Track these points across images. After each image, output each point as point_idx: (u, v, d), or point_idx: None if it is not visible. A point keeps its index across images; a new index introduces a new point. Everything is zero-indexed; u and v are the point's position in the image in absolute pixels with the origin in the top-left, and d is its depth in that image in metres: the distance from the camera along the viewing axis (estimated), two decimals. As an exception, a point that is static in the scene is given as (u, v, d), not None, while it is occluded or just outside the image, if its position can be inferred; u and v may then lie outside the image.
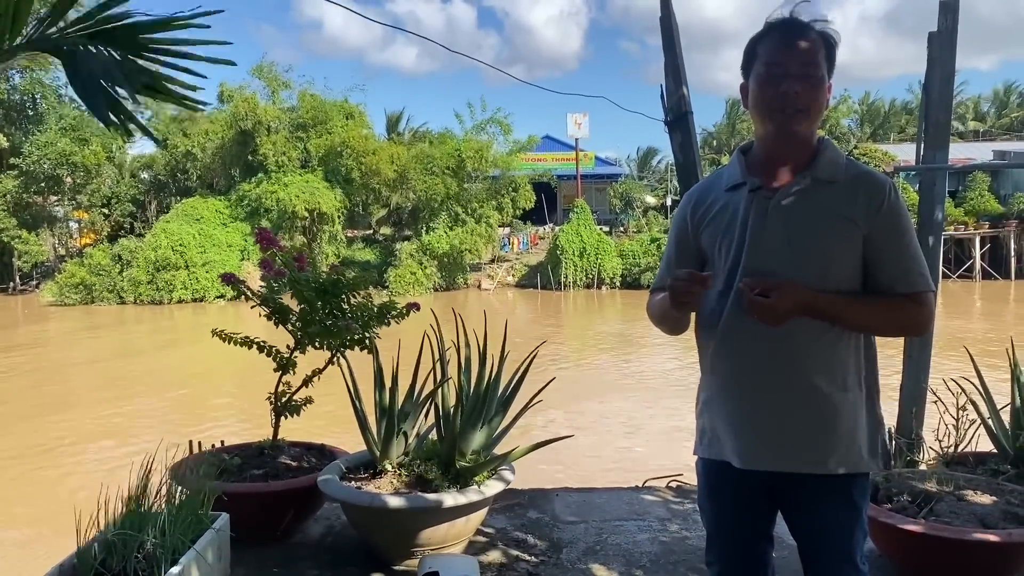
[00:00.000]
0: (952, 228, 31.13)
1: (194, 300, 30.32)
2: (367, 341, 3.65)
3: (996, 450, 3.68)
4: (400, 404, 3.53)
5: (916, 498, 3.07)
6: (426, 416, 3.64)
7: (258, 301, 3.69)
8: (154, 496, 2.63)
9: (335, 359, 3.72)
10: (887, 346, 1.97)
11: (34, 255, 32.85)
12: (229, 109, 33.44)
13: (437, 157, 32.79)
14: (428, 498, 3.11)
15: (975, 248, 32.32)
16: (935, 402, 3.86)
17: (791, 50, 1.85)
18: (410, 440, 3.56)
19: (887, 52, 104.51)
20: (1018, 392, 3.64)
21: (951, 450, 3.69)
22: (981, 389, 3.78)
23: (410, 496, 3.13)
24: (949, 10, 3.83)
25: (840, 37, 1.89)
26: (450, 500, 3.09)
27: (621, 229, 38.10)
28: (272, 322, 3.73)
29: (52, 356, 19.78)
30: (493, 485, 3.27)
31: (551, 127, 72.05)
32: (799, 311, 1.79)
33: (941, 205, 4.00)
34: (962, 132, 51.55)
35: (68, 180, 33.25)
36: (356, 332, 3.60)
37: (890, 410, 4.01)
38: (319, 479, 3.30)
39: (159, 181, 37.32)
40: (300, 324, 3.66)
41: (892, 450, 3.93)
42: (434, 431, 3.55)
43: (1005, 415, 3.70)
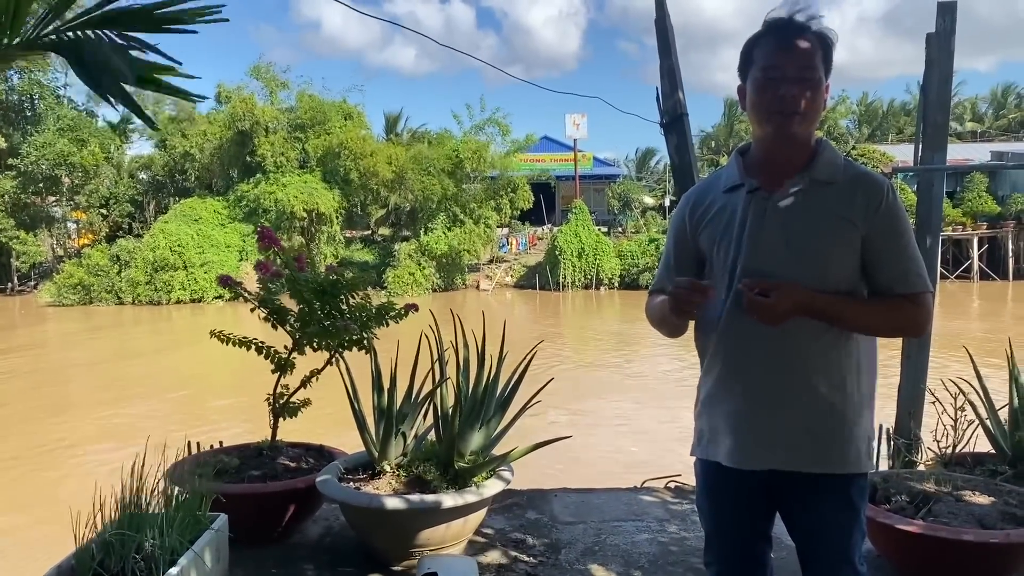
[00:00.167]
0: (950, 229, 31.16)
1: (192, 301, 30.31)
2: (365, 341, 3.65)
3: (994, 451, 3.69)
4: (398, 405, 3.52)
5: (914, 498, 3.07)
6: (424, 417, 3.64)
7: (256, 303, 3.68)
8: (152, 497, 2.63)
9: (333, 360, 3.72)
10: (886, 347, 1.98)
11: (32, 256, 32.86)
12: (227, 110, 33.46)
13: (434, 158, 32.80)
14: (427, 499, 3.11)
15: (973, 249, 32.36)
16: (933, 403, 3.86)
17: (788, 53, 1.84)
18: (408, 441, 3.56)
19: (885, 53, 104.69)
20: (1016, 393, 3.64)
21: (949, 451, 3.69)
22: (979, 390, 3.78)
23: (409, 497, 3.13)
24: (947, 11, 3.84)
25: (837, 37, 1.88)
26: (449, 501, 3.09)
27: (619, 230, 38.09)
28: (270, 324, 3.73)
29: (51, 357, 19.78)
30: (492, 486, 3.27)
31: (549, 128, 71.99)
32: (799, 311, 1.79)
33: (939, 206, 4.01)
34: (960, 133, 51.59)
35: (66, 181, 33.28)
36: (354, 332, 3.60)
37: (889, 411, 4.04)
38: (317, 480, 3.30)
39: (157, 181, 37.33)
40: (298, 325, 3.66)
41: (891, 451, 3.94)
42: (432, 432, 3.55)
43: (1003, 416, 3.71)
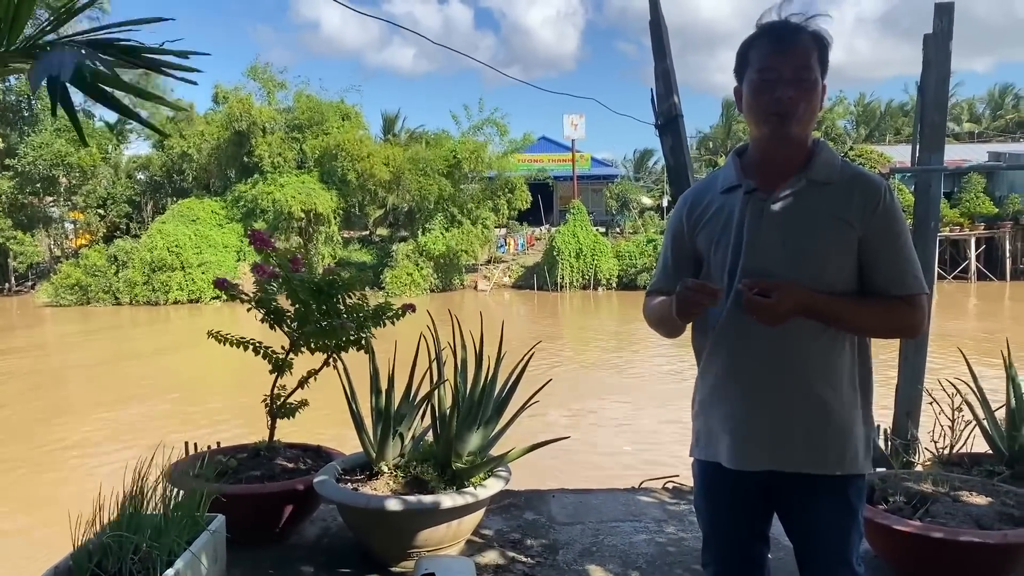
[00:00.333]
0: (948, 229, 31.20)
1: (190, 301, 30.28)
2: (362, 342, 3.65)
3: (991, 451, 3.69)
4: (396, 406, 3.52)
5: (912, 499, 3.07)
6: (422, 418, 3.64)
7: (253, 304, 3.68)
8: (150, 498, 2.62)
9: (331, 361, 3.72)
10: (883, 347, 1.98)
11: (29, 256, 32.82)
12: (224, 110, 33.42)
13: (431, 159, 32.78)
14: (424, 500, 3.10)
15: (971, 249, 32.39)
16: (931, 403, 3.86)
17: (784, 55, 1.84)
18: (406, 442, 3.56)
19: (883, 53, 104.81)
20: (1013, 393, 3.65)
21: (946, 451, 3.69)
22: (976, 390, 3.78)
23: (406, 498, 3.12)
24: (944, 12, 3.84)
25: (832, 37, 1.87)
26: (446, 502, 3.09)
27: (617, 230, 38.10)
28: (267, 324, 3.72)
29: (49, 358, 19.74)
30: (489, 486, 3.27)
31: (547, 128, 72.17)
32: (799, 311, 1.79)
33: (936, 206, 4.02)
34: (957, 133, 51.67)
35: (63, 181, 33.23)
36: (351, 332, 3.60)
37: (886, 411, 4.04)
38: (315, 481, 3.30)
39: (155, 182, 37.29)
40: (295, 325, 3.65)
41: (888, 451, 3.94)
42: (430, 433, 3.55)
43: (1000, 416, 3.71)
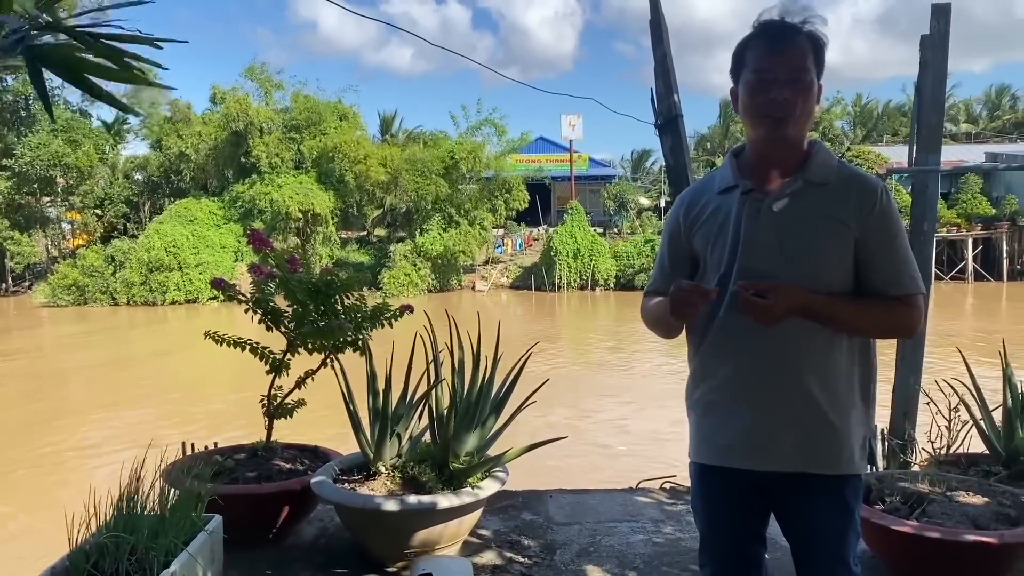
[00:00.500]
0: (945, 230, 31.25)
1: (187, 301, 30.25)
2: (360, 342, 3.65)
3: (988, 451, 3.70)
4: (393, 406, 3.52)
5: (908, 499, 3.08)
6: (420, 418, 3.64)
7: (250, 304, 3.67)
8: (147, 498, 2.62)
9: (328, 361, 3.72)
10: (880, 347, 1.98)
11: (26, 256, 32.78)
12: (221, 110, 33.40)
13: (429, 160, 32.76)
14: (422, 500, 3.10)
15: (967, 250, 32.45)
16: (928, 403, 3.87)
17: (779, 56, 1.84)
18: (403, 442, 3.55)
19: (880, 54, 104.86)
20: (1010, 393, 3.65)
21: (943, 451, 3.70)
22: (973, 390, 3.79)
23: (404, 498, 3.12)
24: (941, 13, 3.85)
25: (828, 37, 1.88)
26: (444, 502, 3.09)
27: (615, 230, 38.10)
28: (264, 325, 3.72)
29: (45, 359, 19.73)
30: (487, 487, 3.27)
31: (545, 129, 72.26)
32: (795, 312, 1.79)
33: (933, 207, 4.02)
34: (954, 134, 51.76)
35: (61, 181, 33.19)
36: (349, 333, 3.59)
37: (883, 411, 4.04)
38: (312, 481, 3.30)
39: (152, 182, 37.25)
40: (293, 325, 3.65)
41: (885, 451, 3.94)
42: (428, 433, 3.54)
43: (997, 416, 3.72)
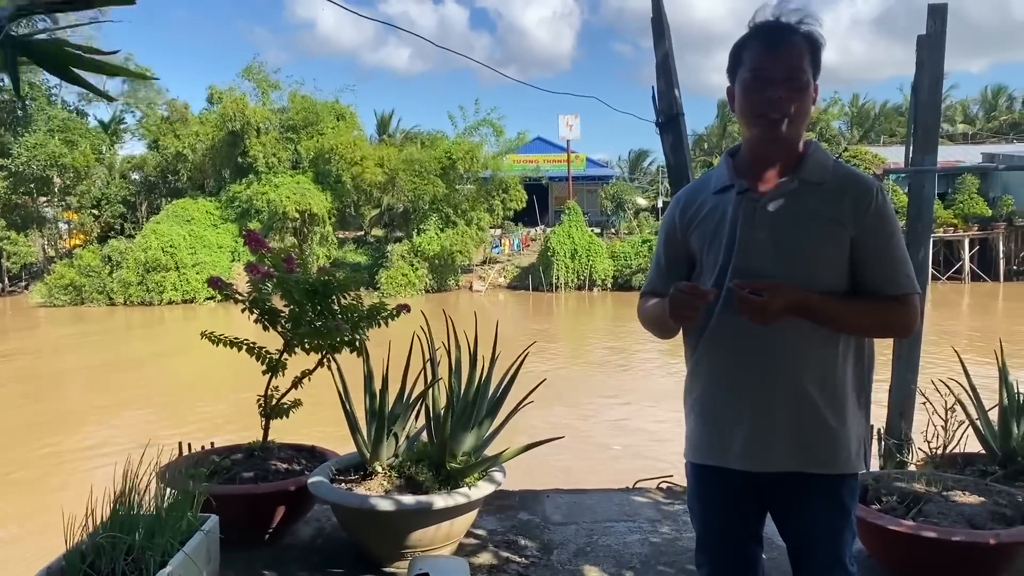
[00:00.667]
0: (941, 230, 31.29)
1: (184, 301, 30.20)
2: (357, 342, 3.64)
3: (984, 451, 3.70)
4: (390, 406, 3.52)
5: (905, 499, 3.08)
6: (416, 418, 3.64)
7: (247, 304, 3.67)
8: (144, 498, 2.62)
9: (325, 361, 3.71)
10: (877, 347, 1.98)
11: (23, 256, 32.71)
12: (218, 110, 33.36)
13: (425, 160, 32.74)
14: (418, 500, 3.10)
15: (964, 250, 32.50)
16: (924, 403, 3.87)
17: (775, 55, 1.85)
18: (400, 442, 3.55)
19: (878, 55, 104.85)
20: (1006, 393, 3.66)
21: (939, 451, 3.70)
22: (969, 390, 3.80)
23: (400, 498, 3.12)
24: (938, 13, 3.86)
25: (825, 38, 1.88)
26: (440, 502, 3.09)
27: (612, 231, 38.13)
28: (261, 325, 3.71)
29: (43, 360, 19.68)
30: (484, 487, 3.27)
31: (543, 129, 72.24)
32: (791, 310, 1.79)
33: (930, 207, 4.03)
34: (951, 135, 51.81)
35: (57, 181, 33.13)
36: (345, 333, 3.59)
37: (879, 411, 4.05)
38: (309, 481, 3.30)
39: (149, 182, 37.21)
40: (289, 325, 3.65)
41: (881, 451, 3.95)
42: (424, 433, 3.54)
43: (993, 416, 3.73)
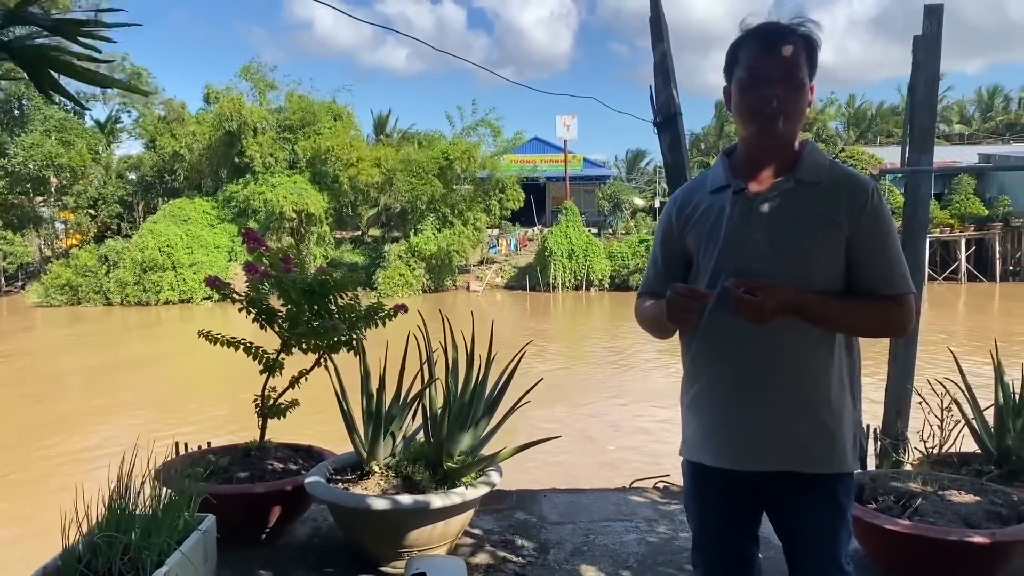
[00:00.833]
0: (938, 231, 31.36)
1: (181, 301, 30.18)
2: (354, 342, 3.64)
3: (980, 450, 3.71)
4: (387, 406, 3.52)
5: (901, 498, 3.09)
6: (413, 418, 3.64)
7: (244, 303, 3.67)
8: (140, 498, 2.61)
9: (322, 361, 3.71)
10: (873, 347, 1.99)
11: (19, 256, 32.68)
12: (215, 110, 33.32)
13: (423, 160, 32.72)
14: (415, 499, 3.10)
15: (960, 250, 32.57)
16: (920, 403, 3.88)
17: (772, 54, 1.85)
18: (397, 442, 3.55)
19: (875, 55, 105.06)
20: (1001, 393, 3.67)
21: (935, 450, 3.71)
22: (965, 390, 3.80)
23: (397, 497, 3.12)
24: (934, 14, 3.87)
25: (821, 38, 1.89)
26: (437, 501, 3.09)
27: (609, 231, 38.15)
28: (258, 324, 3.71)
29: (40, 360, 19.64)
30: (480, 486, 3.27)
31: (540, 129, 72.08)
32: (786, 310, 1.79)
33: (926, 207, 4.04)
34: (948, 135, 51.90)
35: (54, 181, 33.09)
36: (343, 333, 3.59)
37: (876, 411, 4.06)
38: (306, 481, 3.29)
39: (146, 182, 37.17)
40: (287, 325, 3.64)
41: (877, 451, 3.95)
42: (421, 433, 3.54)
43: (989, 415, 3.73)
